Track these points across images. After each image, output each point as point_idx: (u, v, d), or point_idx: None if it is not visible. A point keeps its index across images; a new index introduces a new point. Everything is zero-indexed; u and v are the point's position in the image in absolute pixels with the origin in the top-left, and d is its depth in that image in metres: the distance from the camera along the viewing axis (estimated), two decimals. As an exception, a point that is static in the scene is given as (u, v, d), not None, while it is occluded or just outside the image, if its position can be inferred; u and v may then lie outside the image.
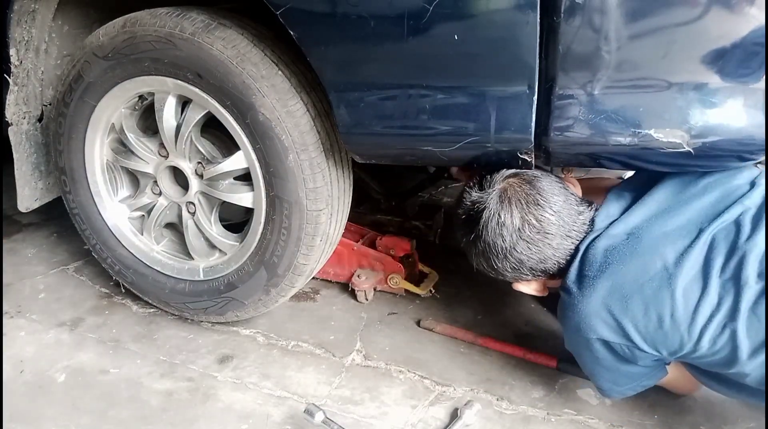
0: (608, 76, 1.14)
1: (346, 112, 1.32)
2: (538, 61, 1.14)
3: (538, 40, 1.13)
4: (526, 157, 1.26)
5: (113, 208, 1.77)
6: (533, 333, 1.75)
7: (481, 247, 1.34)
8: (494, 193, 1.31)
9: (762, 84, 1.12)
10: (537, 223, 1.29)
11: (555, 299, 1.39)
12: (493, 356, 1.66)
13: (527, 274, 1.36)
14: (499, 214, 1.30)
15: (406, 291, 1.89)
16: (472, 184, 1.37)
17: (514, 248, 1.31)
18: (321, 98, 1.47)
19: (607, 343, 1.27)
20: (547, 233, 1.30)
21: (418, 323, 1.79)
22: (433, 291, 1.92)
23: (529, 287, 1.43)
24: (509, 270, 1.36)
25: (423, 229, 2.12)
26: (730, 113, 1.15)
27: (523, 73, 1.17)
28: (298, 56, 1.47)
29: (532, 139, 1.21)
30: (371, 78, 1.29)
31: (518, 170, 1.33)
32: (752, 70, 1.12)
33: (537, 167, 1.31)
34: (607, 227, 1.31)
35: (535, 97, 1.17)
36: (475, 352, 1.68)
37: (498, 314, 1.84)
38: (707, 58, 1.12)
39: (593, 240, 1.30)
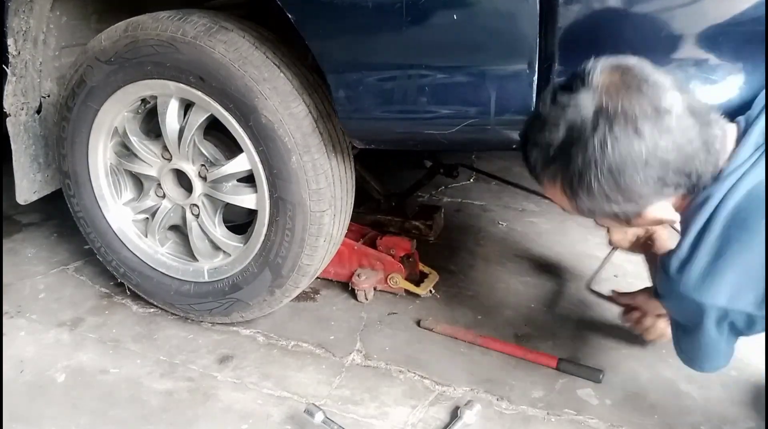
0: (607, 53, 1.11)
1: (344, 96, 1.31)
2: (537, 38, 1.13)
3: (537, 17, 1.12)
4: None
5: (117, 211, 1.78)
6: (533, 333, 1.76)
7: (608, 161, 1.00)
8: (600, 88, 1.00)
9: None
10: (673, 107, 1.00)
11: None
12: (493, 356, 1.66)
13: (670, 185, 1.04)
14: (624, 109, 0.98)
15: (406, 291, 1.89)
16: (548, 97, 1.06)
17: (657, 145, 0.99)
18: (323, 100, 1.47)
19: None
20: (686, 118, 1.01)
21: (418, 323, 1.79)
22: (433, 291, 1.92)
23: (663, 210, 1.09)
24: (651, 181, 1.02)
25: (423, 229, 2.13)
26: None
27: (523, 51, 1.16)
28: (300, 58, 1.48)
29: None
30: (370, 59, 1.29)
31: (607, 60, 1.03)
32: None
33: None
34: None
35: (535, 76, 1.16)
36: (475, 352, 1.68)
37: (498, 314, 1.85)
38: (705, 36, 1.13)
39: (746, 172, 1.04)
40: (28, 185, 1.86)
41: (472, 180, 2.75)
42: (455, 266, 2.08)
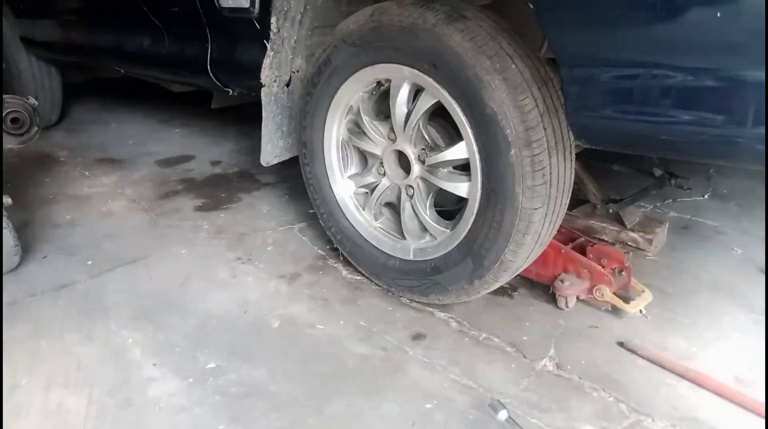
0: None
1: (576, 91, 1.26)
2: None
3: None
4: None
5: (342, 183, 1.93)
6: (757, 379, 1.53)
7: None
8: None
9: None
10: None
11: None
12: (705, 395, 1.49)
13: None
14: None
15: (612, 306, 1.77)
16: None
17: None
18: (552, 94, 1.42)
19: None
20: None
21: (621, 343, 1.67)
22: (644, 311, 1.78)
23: None
24: None
25: (641, 242, 1.96)
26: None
27: None
28: (533, 49, 1.44)
29: None
30: (610, 55, 1.21)
31: None
32: None
33: None
34: None
35: None
36: (683, 385, 1.52)
37: (717, 350, 1.64)
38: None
39: None
40: (272, 150, 2.10)
41: (707, 196, 2.46)
42: (673, 288, 1.89)
